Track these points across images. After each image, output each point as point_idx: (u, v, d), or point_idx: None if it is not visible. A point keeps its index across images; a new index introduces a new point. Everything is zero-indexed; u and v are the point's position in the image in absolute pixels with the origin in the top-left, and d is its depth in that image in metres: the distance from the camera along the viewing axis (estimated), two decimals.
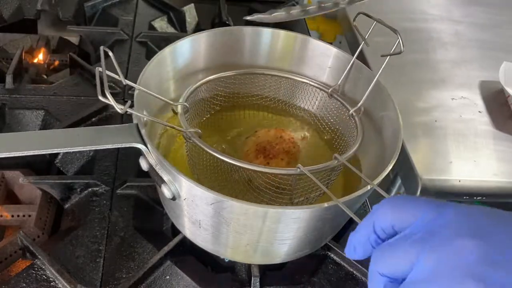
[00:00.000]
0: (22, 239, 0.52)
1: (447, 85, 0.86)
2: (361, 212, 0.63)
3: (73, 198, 0.60)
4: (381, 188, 0.42)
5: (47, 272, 0.50)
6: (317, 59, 0.60)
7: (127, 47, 0.85)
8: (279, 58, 0.62)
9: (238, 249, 0.48)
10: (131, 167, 0.63)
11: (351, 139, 0.55)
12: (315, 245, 0.53)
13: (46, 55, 0.85)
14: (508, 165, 0.72)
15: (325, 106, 0.60)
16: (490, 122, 0.79)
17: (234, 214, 0.42)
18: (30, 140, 0.43)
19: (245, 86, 0.61)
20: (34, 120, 0.69)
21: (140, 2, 0.98)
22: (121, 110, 0.41)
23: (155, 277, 0.52)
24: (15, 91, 0.71)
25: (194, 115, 0.56)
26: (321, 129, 0.61)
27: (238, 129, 0.60)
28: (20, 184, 0.61)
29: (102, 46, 0.46)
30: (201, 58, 0.59)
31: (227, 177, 0.50)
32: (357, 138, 0.51)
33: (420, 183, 0.68)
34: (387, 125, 0.53)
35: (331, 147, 0.59)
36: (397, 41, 0.48)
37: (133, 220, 0.58)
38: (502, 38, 1.02)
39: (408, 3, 1.09)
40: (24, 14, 0.92)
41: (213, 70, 0.58)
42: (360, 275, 0.55)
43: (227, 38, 0.60)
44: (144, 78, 0.50)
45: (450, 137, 0.75)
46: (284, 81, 0.61)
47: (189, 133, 0.47)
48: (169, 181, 0.43)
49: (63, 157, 0.65)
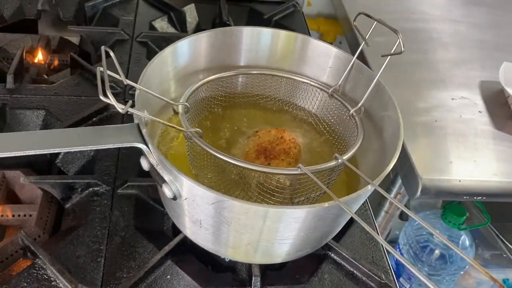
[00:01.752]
0: (23, 239, 0.52)
1: (447, 85, 0.86)
2: (362, 212, 0.63)
3: (74, 198, 0.60)
4: (381, 188, 0.42)
5: (48, 272, 0.50)
6: (317, 59, 0.60)
7: (127, 47, 0.85)
8: (279, 58, 0.62)
9: (238, 249, 0.48)
10: (131, 167, 0.63)
11: (351, 139, 0.55)
12: (316, 245, 0.53)
13: (46, 55, 0.85)
14: (508, 165, 0.72)
15: (325, 106, 0.61)
16: (490, 122, 0.80)
17: (234, 213, 0.42)
18: (31, 140, 0.43)
19: (245, 86, 0.61)
20: (35, 120, 0.69)
21: (140, 2, 0.98)
22: (122, 110, 0.41)
23: (156, 277, 0.52)
24: (16, 91, 0.71)
25: (194, 115, 0.56)
26: (322, 129, 0.61)
27: (238, 129, 0.60)
28: (21, 184, 0.61)
29: (103, 46, 0.46)
30: (201, 58, 0.59)
31: (228, 177, 0.50)
32: (357, 138, 0.52)
33: (420, 183, 0.68)
34: (387, 125, 0.53)
35: (332, 147, 0.59)
36: (398, 41, 0.48)
37: (134, 220, 0.58)
38: (502, 38, 1.02)
39: (408, 3, 1.09)
40: (24, 14, 0.92)
41: (214, 70, 0.58)
42: (360, 274, 0.56)
43: (228, 38, 0.60)
44: (145, 78, 0.50)
45: (450, 137, 0.75)
46: (285, 81, 0.61)
47: (190, 133, 0.47)
48: (170, 180, 0.44)
49: (64, 157, 0.65)
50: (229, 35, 0.60)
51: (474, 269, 1.04)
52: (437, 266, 0.99)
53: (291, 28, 0.96)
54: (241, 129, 0.60)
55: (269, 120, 0.62)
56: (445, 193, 0.70)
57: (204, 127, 0.54)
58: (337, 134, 0.59)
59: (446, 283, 1.02)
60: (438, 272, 0.99)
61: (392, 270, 0.57)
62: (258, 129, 0.56)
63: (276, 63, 0.62)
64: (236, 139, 0.58)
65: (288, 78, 0.61)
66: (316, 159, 0.58)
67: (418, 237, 1.01)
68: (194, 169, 0.52)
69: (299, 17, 1.02)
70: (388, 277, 0.56)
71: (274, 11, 1.01)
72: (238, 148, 0.57)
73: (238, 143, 0.58)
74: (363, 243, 0.60)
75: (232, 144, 0.58)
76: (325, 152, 0.59)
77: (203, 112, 0.59)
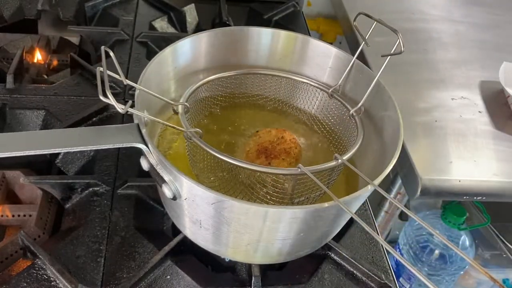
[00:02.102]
0: (23, 239, 0.52)
1: (447, 85, 0.86)
2: (362, 212, 0.63)
3: (73, 198, 0.60)
4: (381, 188, 0.42)
5: (48, 272, 0.50)
6: (317, 59, 0.60)
7: (127, 47, 0.85)
8: (279, 58, 0.62)
9: (238, 249, 0.48)
10: (131, 167, 0.63)
11: (351, 139, 0.55)
12: (316, 245, 0.53)
13: (46, 55, 0.85)
14: (508, 165, 0.72)
15: (325, 106, 0.61)
16: (490, 122, 0.79)
17: (234, 213, 0.42)
18: (31, 140, 0.43)
19: (245, 86, 0.61)
20: (35, 120, 0.69)
21: (140, 2, 0.98)
22: (122, 110, 0.41)
23: (156, 277, 0.52)
24: (15, 91, 0.71)
25: (194, 115, 0.56)
26: (322, 129, 0.61)
27: (238, 129, 0.60)
28: (20, 184, 0.61)
29: (103, 46, 0.46)
30: (201, 58, 0.59)
31: (228, 177, 0.50)
32: (357, 138, 0.52)
33: (420, 183, 0.68)
34: (387, 125, 0.53)
35: (331, 147, 0.59)
36: (397, 41, 0.48)
37: (133, 220, 0.58)
38: (502, 38, 1.02)
39: (408, 3, 1.09)
40: (24, 14, 0.92)
41: (214, 70, 0.58)
42: (360, 274, 0.56)
43: (228, 38, 0.60)
44: (145, 78, 0.50)
45: (450, 137, 0.75)
46: (285, 81, 0.61)
47: (189, 133, 0.47)
48: (170, 181, 0.43)
49: (63, 157, 0.65)
50: (229, 35, 0.60)
51: (474, 269, 1.04)
52: (437, 266, 0.99)
53: (291, 28, 0.96)
54: (241, 129, 0.60)
55: (268, 120, 0.62)
56: (445, 193, 0.69)
57: (204, 127, 0.53)
58: (337, 134, 0.59)
59: (446, 283, 1.02)
60: (438, 272, 0.99)
61: (392, 270, 0.57)
62: (258, 129, 0.56)
63: (276, 63, 0.62)
64: (236, 139, 0.58)
65: (288, 78, 0.61)
66: (316, 159, 0.58)
67: (418, 237, 1.01)
68: (194, 170, 0.52)
69: (299, 17, 1.02)
70: (388, 277, 0.56)
71: (274, 11, 1.01)
72: (238, 148, 0.57)
73: (238, 143, 0.58)
74: (363, 243, 0.60)
75: (232, 144, 0.58)
76: (324, 152, 0.59)
77: (203, 112, 0.59)
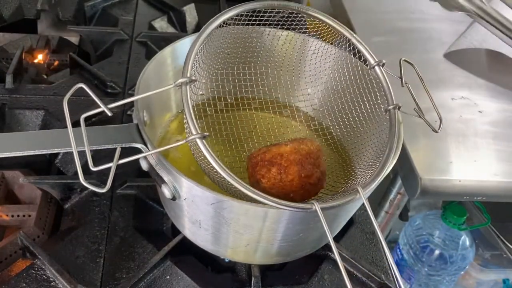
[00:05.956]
0: (22, 239, 0.52)
1: (447, 85, 0.86)
2: (361, 212, 0.63)
3: (73, 198, 0.60)
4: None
5: (47, 272, 0.50)
6: (317, 59, 0.60)
7: (127, 47, 0.85)
8: (279, 58, 0.61)
9: (238, 249, 0.48)
10: (131, 167, 0.63)
11: (351, 139, 0.55)
12: (315, 245, 0.53)
13: (46, 55, 0.85)
14: (508, 165, 0.72)
15: (325, 106, 0.60)
16: (490, 122, 0.79)
17: (234, 214, 0.42)
18: (30, 140, 0.43)
19: (245, 86, 0.61)
20: (34, 120, 0.69)
21: (140, 2, 0.98)
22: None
23: (155, 277, 0.52)
24: (15, 91, 0.71)
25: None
26: (321, 129, 0.61)
27: (238, 129, 0.60)
28: (20, 184, 0.61)
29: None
30: None
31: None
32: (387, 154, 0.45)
33: (420, 183, 0.68)
34: (387, 125, 0.53)
35: (331, 147, 0.59)
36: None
37: (133, 220, 0.58)
38: None
39: (407, 3, 1.09)
40: (24, 14, 0.92)
41: None
42: (360, 275, 0.55)
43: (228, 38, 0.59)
44: (144, 78, 0.50)
45: (450, 137, 0.75)
46: (285, 81, 0.61)
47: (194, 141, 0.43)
48: (169, 181, 0.43)
49: (63, 157, 0.65)
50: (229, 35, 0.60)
51: (474, 269, 1.04)
52: (437, 266, 0.99)
53: (291, 28, 0.95)
54: (241, 129, 0.60)
55: (268, 120, 0.62)
56: (445, 193, 0.69)
57: (203, 128, 0.53)
58: (337, 135, 0.59)
59: (446, 283, 1.02)
60: (438, 272, 0.99)
61: (393, 270, 0.57)
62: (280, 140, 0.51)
63: (276, 63, 0.62)
64: (236, 139, 0.58)
65: (288, 78, 0.60)
66: None
67: (418, 237, 1.00)
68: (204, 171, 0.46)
69: (299, 17, 1.02)
70: (388, 277, 0.56)
71: (274, 11, 1.00)
72: (239, 148, 0.57)
73: (238, 143, 0.57)
74: (363, 243, 0.59)
75: (232, 143, 0.57)
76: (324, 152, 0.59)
77: (203, 112, 0.59)
